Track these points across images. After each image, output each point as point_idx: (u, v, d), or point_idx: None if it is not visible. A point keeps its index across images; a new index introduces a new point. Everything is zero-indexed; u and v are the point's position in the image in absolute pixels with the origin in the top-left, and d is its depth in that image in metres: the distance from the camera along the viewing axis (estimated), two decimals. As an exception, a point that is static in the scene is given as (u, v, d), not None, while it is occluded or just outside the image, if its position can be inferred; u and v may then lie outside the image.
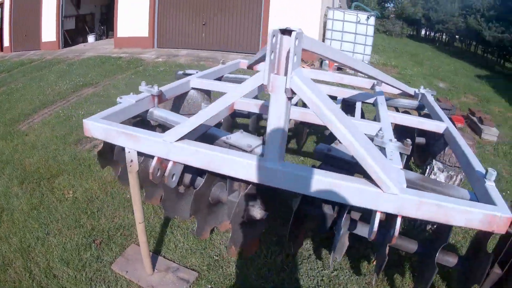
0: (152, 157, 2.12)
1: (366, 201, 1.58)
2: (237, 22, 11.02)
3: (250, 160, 1.65)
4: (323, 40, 11.34)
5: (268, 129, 1.54)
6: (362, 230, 2.23)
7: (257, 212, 2.33)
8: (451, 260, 2.00)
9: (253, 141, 2.24)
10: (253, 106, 2.75)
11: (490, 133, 4.55)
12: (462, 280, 1.92)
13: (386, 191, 1.53)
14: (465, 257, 2.00)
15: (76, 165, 3.99)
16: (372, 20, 10.55)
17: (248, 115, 3.94)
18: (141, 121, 2.67)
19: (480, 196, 1.77)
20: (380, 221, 1.79)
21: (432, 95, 3.83)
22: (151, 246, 2.79)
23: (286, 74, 1.39)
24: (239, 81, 4.11)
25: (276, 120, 1.50)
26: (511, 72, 16.10)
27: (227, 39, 11.24)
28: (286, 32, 1.36)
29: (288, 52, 1.35)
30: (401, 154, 2.01)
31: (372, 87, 3.94)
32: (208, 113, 1.69)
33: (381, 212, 1.63)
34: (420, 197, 1.56)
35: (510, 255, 1.78)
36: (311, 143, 4.96)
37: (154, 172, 1.95)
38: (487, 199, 1.66)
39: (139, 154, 2.07)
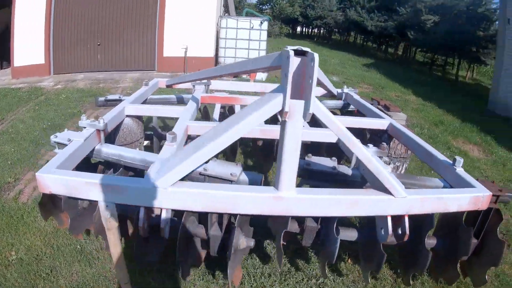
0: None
1: (380, 208, 1.64)
2: (132, 40, 10.65)
3: (266, 193, 1.54)
4: (217, 50, 11.42)
5: (284, 157, 1.46)
6: (347, 235, 2.30)
7: (245, 241, 2.21)
8: (431, 242, 2.22)
9: (232, 168, 2.10)
10: (206, 130, 2.59)
11: (399, 118, 5.14)
12: (448, 256, 2.13)
13: (398, 196, 1.61)
14: (442, 236, 2.23)
15: (7, 219, 3.25)
16: (265, 25, 11.05)
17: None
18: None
19: (453, 182, 2.00)
20: (377, 222, 1.88)
21: (355, 93, 4.21)
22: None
23: (304, 98, 1.33)
24: (164, 101, 3.91)
25: (294, 146, 1.43)
26: (395, 58, 18.20)
27: (123, 59, 10.81)
28: (299, 53, 1.30)
29: (307, 76, 1.30)
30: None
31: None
32: (214, 149, 1.50)
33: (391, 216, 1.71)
34: (421, 194, 1.70)
35: (483, 227, 2.06)
36: (238, 155, 4.95)
37: (144, 226, 1.67)
38: (464, 184, 1.89)
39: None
